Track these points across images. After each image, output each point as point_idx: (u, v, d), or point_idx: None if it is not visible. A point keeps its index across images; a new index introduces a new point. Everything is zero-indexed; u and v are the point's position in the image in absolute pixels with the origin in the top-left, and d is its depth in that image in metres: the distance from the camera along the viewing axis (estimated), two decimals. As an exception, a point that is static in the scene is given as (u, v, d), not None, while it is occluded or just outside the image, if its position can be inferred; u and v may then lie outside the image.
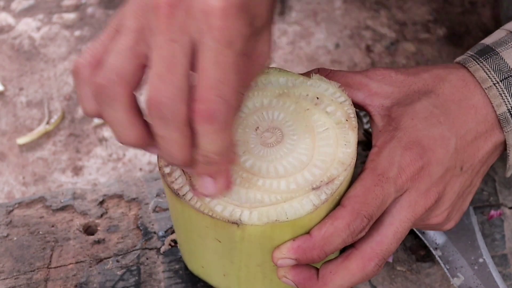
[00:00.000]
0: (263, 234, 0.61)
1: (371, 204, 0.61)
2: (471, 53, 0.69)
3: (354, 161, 0.63)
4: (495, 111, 0.66)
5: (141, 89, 0.55)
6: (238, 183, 0.62)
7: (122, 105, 0.54)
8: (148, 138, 0.56)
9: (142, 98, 0.54)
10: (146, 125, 0.55)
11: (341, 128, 0.64)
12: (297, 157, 0.63)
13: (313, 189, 0.61)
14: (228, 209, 0.60)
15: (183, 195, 0.61)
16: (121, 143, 0.57)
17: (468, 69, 0.68)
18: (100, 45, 0.56)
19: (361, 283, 0.73)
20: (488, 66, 0.67)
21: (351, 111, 0.65)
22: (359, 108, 0.68)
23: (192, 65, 0.52)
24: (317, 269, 0.64)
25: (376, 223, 0.63)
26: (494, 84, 0.66)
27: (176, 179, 0.62)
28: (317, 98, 0.65)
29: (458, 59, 0.70)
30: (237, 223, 0.60)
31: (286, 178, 0.62)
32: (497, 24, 1.08)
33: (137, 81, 0.54)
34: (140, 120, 0.55)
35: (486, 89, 0.66)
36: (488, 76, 0.66)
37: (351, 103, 0.65)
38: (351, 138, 0.63)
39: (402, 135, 0.64)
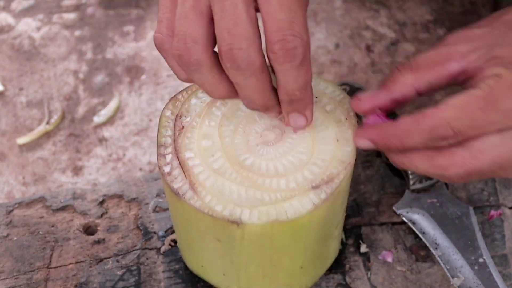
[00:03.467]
0: (263, 233, 0.61)
1: (465, 121, 0.57)
2: None
3: (354, 159, 0.63)
4: None
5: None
6: (238, 182, 0.62)
7: (205, 68, 0.56)
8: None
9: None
10: None
11: (340, 126, 0.64)
12: (297, 156, 0.63)
13: (313, 188, 0.61)
14: (228, 209, 0.60)
15: (183, 194, 0.61)
16: (215, 98, 0.60)
17: None
18: (168, 13, 0.57)
19: (361, 284, 0.73)
20: None
21: (350, 109, 0.65)
22: (458, 83, 0.63)
23: (256, 9, 0.54)
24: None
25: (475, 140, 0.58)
26: None
27: (175, 178, 0.62)
28: (316, 97, 0.65)
29: None
30: (237, 223, 0.60)
31: (286, 177, 0.62)
32: (497, 24, 1.07)
33: (211, 38, 0.56)
34: (225, 76, 0.57)
35: None
36: None
37: (350, 101, 0.65)
38: (351, 136, 0.63)
39: None
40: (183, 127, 0.64)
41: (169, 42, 0.58)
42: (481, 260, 0.73)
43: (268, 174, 0.62)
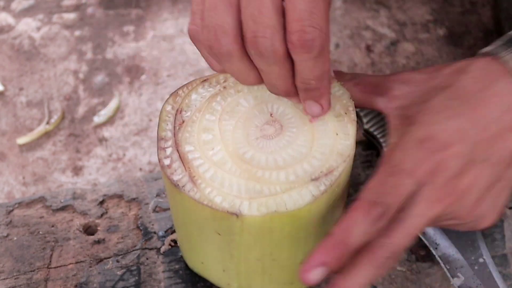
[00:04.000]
0: (262, 225, 0.61)
1: (386, 193, 0.60)
2: (501, 43, 0.66)
3: (353, 152, 0.63)
4: None
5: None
6: (237, 174, 0.62)
7: (236, 58, 0.57)
8: None
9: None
10: None
11: (340, 121, 0.64)
12: (296, 149, 0.63)
13: (312, 180, 0.61)
14: (228, 200, 0.60)
15: (183, 186, 0.61)
16: (246, 85, 0.62)
17: (496, 59, 0.64)
18: (201, 4, 0.58)
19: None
20: None
21: (350, 104, 0.65)
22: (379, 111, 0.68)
23: None
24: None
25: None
26: None
27: (175, 171, 0.62)
28: None
29: (485, 49, 0.67)
30: (236, 214, 0.60)
31: (285, 170, 0.62)
32: (497, 24, 1.07)
33: (240, 28, 0.56)
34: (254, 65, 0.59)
35: None
36: None
37: (350, 96, 0.65)
38: (350, 130, 0.64)
39: (416, 130, 0.63)
40: (183, 121, 0.65)
41: (200, 34, 0.59)
42: (481, 260, 0.73)
43: (267, 167, 0.62)
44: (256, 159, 0.63)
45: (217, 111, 0.65)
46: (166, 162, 0.63)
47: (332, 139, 0.64)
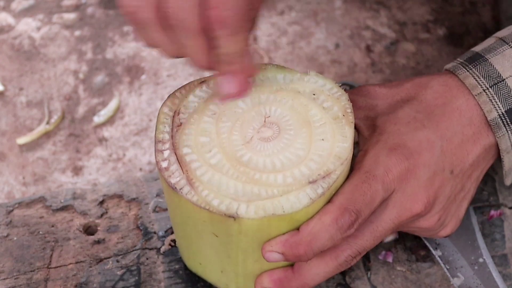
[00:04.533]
0: (259, 228, 0.61)
1: (358, 200, 0.62)
2: (461, 60, 0.69)
3: (350, 155, 0.63)
4: (482, 114, 0.67)
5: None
6: (235, 177, 0.62)
7: (153, 28, 0.60)
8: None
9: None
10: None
11: (338, 123, 0.64)
12: (294, 152, 0.63)
13: (310, 182, 0.61)
14: (225, 203, 0.61)
15: (180, 189, 0.61)
16: (169, 57, 0.63)
17: (455, 76, 0.68)
18: None
19: (361, 284, 0.73)
20: (478, 73, 0.67)
21: (348, 105, 0.65)
22: None
23: None
24: (291, 267, 0.65)
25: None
26: (484, 90, 0.66)
27: (173, 173, 0.62)
28: (314, 94, 0.66)
29: (448, 66, 0.70)
30: (233, 217, 0.60)
31: (282, 172, 0.62)
32: (497, 24, 1.08)
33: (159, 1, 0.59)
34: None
35: (476, 95, 0.67)
36: (478, 83, 0.67)
37: (348, 98, 0.66)
38: (348, 133, 0.64)
39: (387, 138, 0.65)
40: (181, 124, 0.65)
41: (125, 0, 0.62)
42: (481, 260, 0.73)
43: (265, 170, 0.62)
44: (253, 162, 0.63)
45: (214, 113, 0.65)
46: (164, 164, 0.63)
47: (330, 142, 0.64)
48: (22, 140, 0.99)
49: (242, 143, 0.64)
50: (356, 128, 0.68)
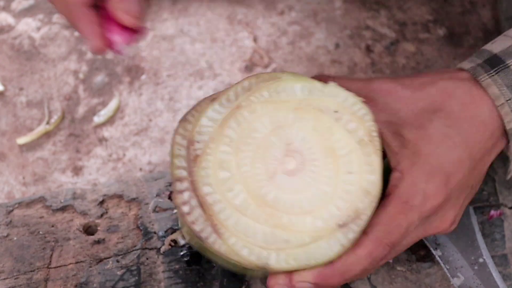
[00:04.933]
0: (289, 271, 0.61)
1: (394, 233, 0.61)
2: (480, 61, 0.68)
3: (380, 190, 0.62)
4: (502, 125, 0.66)
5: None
6: (262, 221, 0.60)
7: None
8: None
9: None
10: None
11: (363, 149, 0.62)
12: (321, 188, 0.61)
13: (340, 226, 0.60)
14: (255, 253, 0.59)
15: (206, 238, 0.60)
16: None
17: (477, 82, 0.67)
18: None
19: (361, 283, 0.73)
20: (500, 81, 0.66)
21: (373, 128, 0.62)
22: None
23: None
24: None
25: None
26: (507, 100, 0.66)
27: (197, 220, 0.60)
28: (336, 112, 0.63)
29: (465, 66, 0.69)
30: (264, 268, 0.59)
31: (311, 214, 0.60)
32: (497, 24, 1.07)
33: None
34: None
35: (498, 106, 0.66)
36: (502, 93, 0.66)
37: (373, 118, 0.63)
38: (375, 162, 0.62)
39: (424, 162, 0.64)
40: (197, 156, 0.61)
41: None
42: (481, 260, 0.73)
43: (292, 211, 0.60)
44: (279, 201, 0.60)
45: (232, 140, 0.62)
46: (185, 209, 0.60)
47: (357, 174, 0.61)
48: (22, 140, 0.99)
49: (265, 178, 0.61)
50: (379, 133, 0.66)
